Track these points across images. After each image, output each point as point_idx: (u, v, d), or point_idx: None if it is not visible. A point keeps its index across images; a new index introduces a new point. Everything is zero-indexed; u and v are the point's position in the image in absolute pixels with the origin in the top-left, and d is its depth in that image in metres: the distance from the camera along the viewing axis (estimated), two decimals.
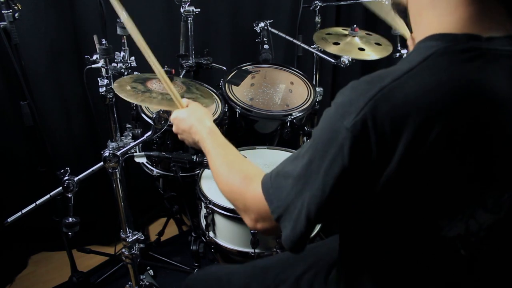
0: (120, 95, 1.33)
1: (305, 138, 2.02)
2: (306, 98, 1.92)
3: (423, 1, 0.70)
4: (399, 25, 1.77)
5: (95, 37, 1.47)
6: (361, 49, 1.92)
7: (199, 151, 1.69)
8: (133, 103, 1.71)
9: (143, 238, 1.47)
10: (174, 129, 1.15)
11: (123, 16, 1.10)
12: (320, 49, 2.02)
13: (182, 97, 1.22)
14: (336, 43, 1.95)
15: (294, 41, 2.07)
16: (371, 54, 1.90)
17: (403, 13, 0.79)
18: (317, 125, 0.71)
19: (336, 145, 0.64)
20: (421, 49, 0.68)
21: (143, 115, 1.68)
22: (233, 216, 1.42)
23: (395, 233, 0.71)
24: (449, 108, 0.62)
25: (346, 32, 2.04)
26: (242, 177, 0.88)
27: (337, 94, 0.69)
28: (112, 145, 1.64)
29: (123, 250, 1.46)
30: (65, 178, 1.26)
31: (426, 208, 0.66)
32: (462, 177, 0.65)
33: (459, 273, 0.74)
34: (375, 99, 0.62)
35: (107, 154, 1.27)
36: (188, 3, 1.87)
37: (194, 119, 1.10)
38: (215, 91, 1.87)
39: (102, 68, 1.50)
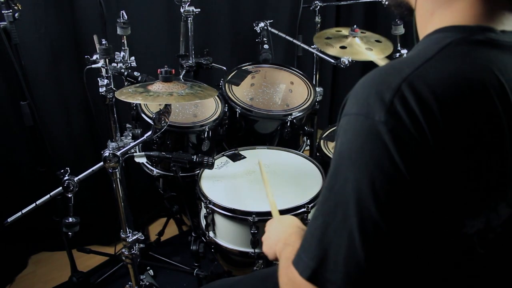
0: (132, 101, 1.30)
1: (305, 138, 2.02)
2: (306, 98, 1.92)
3: (436, 2, 0.70)
4: None
5: (95, 37, 1.47)
6: (369, 49, 1.93)
7: (199, 151, 1.71)
8: (133, 103, 1.71)
9: (143, 238, 1.47)
10: (267, 227, 1.07)
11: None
12: (320, 49, 2.02)
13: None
14: (343, 47, 1.94)
15: (294, 41, 2.07)
16: (378, 54, 1.90)
17: (406, 11, 0.78)
18: (337, 146, 0.65)
19: (377, 144, 0.59)
20: (435, 39, 0.67)
21: (143, 115, 1.68)
22: (233, 216, 1.42)
23: (417, 232, 0.66)
24: (472, 98, 0.61)
25: (346, 33, 2.03)
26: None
27: (347, 104, 0.65)
28: (112, 145, 1.64)
29: (123, 250, 1.46)
30: (65, 178, 1.26)
31: (449, 205, 0.63)
32: (484, 170, 0.63)
33: (473, 271, 0.71)
34: (401, 89, 0.59)
35: (107, 154, 1.27)
36: (188, 3, 1.87)
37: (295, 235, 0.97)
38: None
39: (102, 68, 1.50)
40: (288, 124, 1.80)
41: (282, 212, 1.30)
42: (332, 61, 1.88)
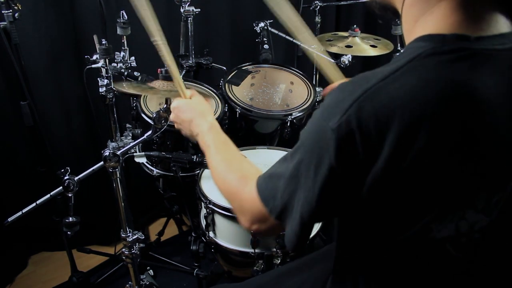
0: (124, 90, 1.32)
1: None
2: (306, 98, 1.92)
3: (420, 9, 0.70)
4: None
5: (95, 37, 1.47)
6: (374, 46, 1.93)
7: (199, 151, 1.70)
8: (133, 103, 1.71)
9: (143, 237, 1.47)
10: (172, 117, 1.14)
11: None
12: (320, 49, 2.02)
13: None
14: (349, 46, 1.94)
15: (294, 41, 2.06)
16: (383, 50, 1.91)
17: (392, 14, 0.79)
18: (305, 126, 0.72)
19: (323, 146, 0.65)
20: (409, 49, 0.68)
21: (143, 115, 1.68)
22: (233, 216, 1.41)
23: (385, 234, 0.71)
24: (435, 109, 0.61)
25: (344, 35, 2.04)
26: (239, 176, 0.88)
27: (326, 97, 0.70)
28: (112, 145, 1.65)
29: (124, 250, 1.46)
30: (66, 177, 1.26)
31: (414, 210, 0.66)
32: (450, 178, 0.65)
33: (455, 275, 0.74)
34: (359, 100, 0.62)
35: (107, 153, 1.27)
36: (188, 3, 1.87)
37: (197, 112, 1.08)
38: (215, 91, 1.87)
39: (102, 68, 1.50)
40: (288, 124, 1.80)
41: None
42: (332, 60, 1.88)
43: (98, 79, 1.53)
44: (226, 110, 1.79)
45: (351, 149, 0.63)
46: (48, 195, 1.34)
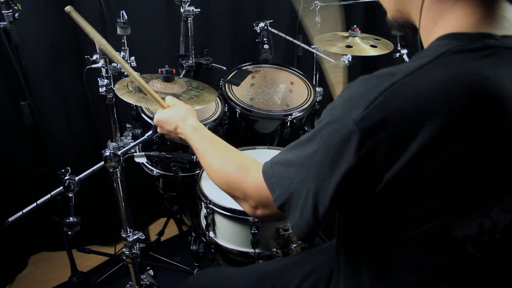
0: (121, 97, 1.33)
1: None
2: (306, 98, 1.92)
3: (438, 12, 0.70)
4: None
5: None
6: (374, 46, 1.93)
7: None
8: (133, 103, 1.71)
9: (143, 237, 1.47)
10: (159, 130, 1.15)
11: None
12: (320, 49, 2.02)
13: (177, 97, 1.20)
14: (349, 46, 1.94)
15: (294, 41, 2.07)
16: (382, 50, 1.91)
17: (410, 31, 0.78)
18: (320, 117, 0.70)
19: (342, 138, 0.64)
20: (434, 47, 0.67)
21: (143, 115, 1.68)
22: (233, 216, 1.42)
23: (401, 230, 0.69)
24: (464, 105, 0.61)
25: (344, 34, 2.04)
26: (238, 166, 0.88)
27: (344, 88, 0.68)
28: (112, 145, 1.64)
29: (124, 249, 1.46)
30: (66, 177, 1.26)
31: (436, 207, 0.64)
32: (477, 175, 0.63)
33: (472, 274, 0.72)
34: (385, 93, 0.61)
35: (108, 153, 1.27)
36: (188, 3, 1.87)
37: (177, 119, 1.08)
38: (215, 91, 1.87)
39: (102, 68, 1.50)
40: (288, 124, 1.80)
41: None
42: (332, 60, 1.89)
43: (98, 79, 1.53)
44: (226, 110, 1.79)
45: (374, 143, 0.61)
46: (49, 195, 1.34)
